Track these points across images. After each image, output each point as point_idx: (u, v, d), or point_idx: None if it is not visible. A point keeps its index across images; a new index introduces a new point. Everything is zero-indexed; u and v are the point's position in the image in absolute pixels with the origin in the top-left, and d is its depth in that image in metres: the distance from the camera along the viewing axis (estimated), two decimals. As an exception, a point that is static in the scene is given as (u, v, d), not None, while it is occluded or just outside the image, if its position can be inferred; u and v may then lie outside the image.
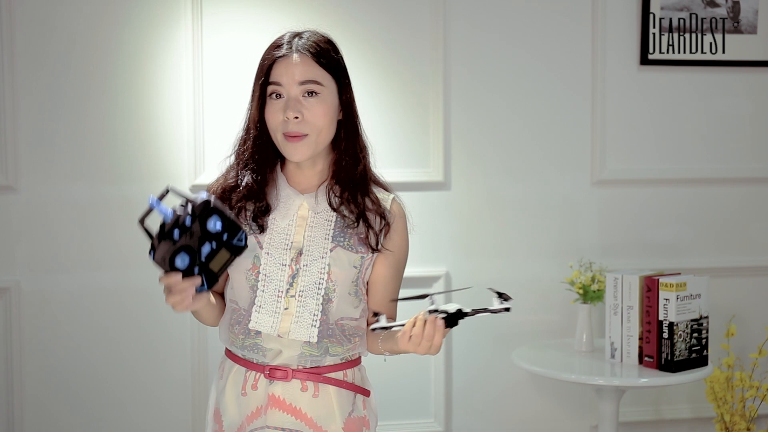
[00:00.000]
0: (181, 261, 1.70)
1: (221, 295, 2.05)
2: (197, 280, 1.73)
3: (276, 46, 1.94)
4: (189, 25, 3.28)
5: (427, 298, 1.80)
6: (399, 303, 2.01)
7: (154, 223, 1.72)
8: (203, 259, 1.72)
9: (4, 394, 3.26)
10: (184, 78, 3.29)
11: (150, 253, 1.71)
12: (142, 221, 1.72)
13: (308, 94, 1.90)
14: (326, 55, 1.94)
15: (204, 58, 3.29)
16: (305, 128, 1.90)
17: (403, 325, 1.82)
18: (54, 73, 3.24)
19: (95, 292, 3.29)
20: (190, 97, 3.29)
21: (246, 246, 1.76)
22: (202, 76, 3.29)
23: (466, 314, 1.76)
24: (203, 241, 1.71)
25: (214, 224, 1.71)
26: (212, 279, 1.75)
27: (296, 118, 1.89)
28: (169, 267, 1.71)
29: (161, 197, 1.72)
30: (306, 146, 1.91)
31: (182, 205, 1.72)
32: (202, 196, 1.72)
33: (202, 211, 1.71)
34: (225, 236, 1.72)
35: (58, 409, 3.29)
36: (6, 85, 3.20)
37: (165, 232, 1.69)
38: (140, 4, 3.27)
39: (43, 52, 3.22)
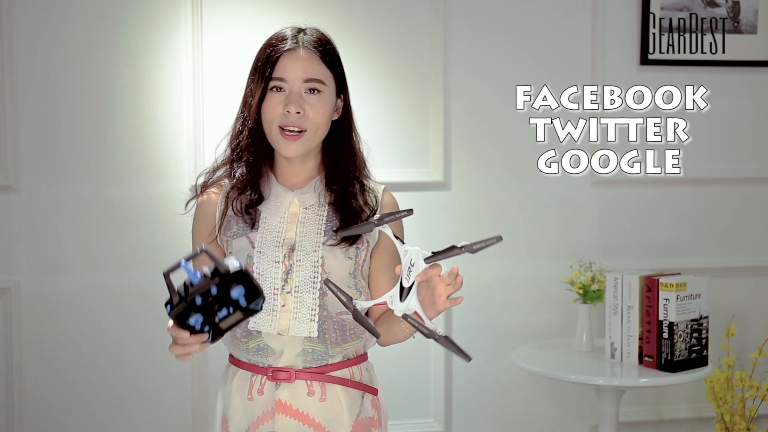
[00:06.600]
0: (195, 320, 1.71)
1: None
2: (204, 337, 1.73)
3: (281, 38, 1.92)
4: (189, 25, 3.28)
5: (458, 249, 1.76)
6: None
7: (176, 280, 1.70)
8: (217, 320, 1.72)
9: (4, 394, 3.26)
10: (184, 78, 3.29)
11: (166, 305, 1.70)
12: (167, 274, 1.69)
13: (311, 91, 1.90)
14: (330, 53, 1.94)
15: (204, 58, 3.29)
16: (305, 123, 1.89)
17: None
18: (54, 73, 3.24)
19: (95, 292, 3.29)
20: (190, 97, 3.29)
21: (261, 310, 1.75)
22: (202, 75, 3.29)
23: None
24: (221, 306, 1.71)
25: (238, 293, 1.70)
26: (219, 334, 1.75)
27: (298, 113, 1.88)
28: (182, 325, 1.71)
29: (192, 257, 1.70)
30: (301, 142, 1.89)
31: (207, 275, 1.68)
32: (234, 264, 1.69)
33: (230, 280, 1.69)
34: (244, 302, 1.72)
35: (58, 409, 3.29)
36: (6, 85, 3.20)
37: (188, 294, 1.68)
38: (140, 4, 3.27)
39: (43, 53, 3.22)
